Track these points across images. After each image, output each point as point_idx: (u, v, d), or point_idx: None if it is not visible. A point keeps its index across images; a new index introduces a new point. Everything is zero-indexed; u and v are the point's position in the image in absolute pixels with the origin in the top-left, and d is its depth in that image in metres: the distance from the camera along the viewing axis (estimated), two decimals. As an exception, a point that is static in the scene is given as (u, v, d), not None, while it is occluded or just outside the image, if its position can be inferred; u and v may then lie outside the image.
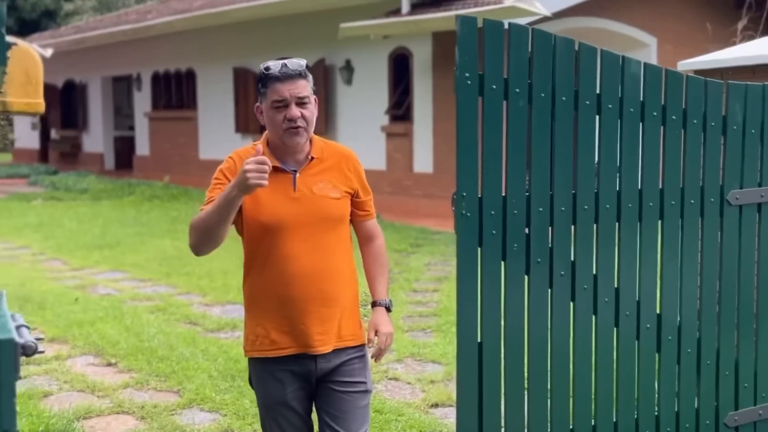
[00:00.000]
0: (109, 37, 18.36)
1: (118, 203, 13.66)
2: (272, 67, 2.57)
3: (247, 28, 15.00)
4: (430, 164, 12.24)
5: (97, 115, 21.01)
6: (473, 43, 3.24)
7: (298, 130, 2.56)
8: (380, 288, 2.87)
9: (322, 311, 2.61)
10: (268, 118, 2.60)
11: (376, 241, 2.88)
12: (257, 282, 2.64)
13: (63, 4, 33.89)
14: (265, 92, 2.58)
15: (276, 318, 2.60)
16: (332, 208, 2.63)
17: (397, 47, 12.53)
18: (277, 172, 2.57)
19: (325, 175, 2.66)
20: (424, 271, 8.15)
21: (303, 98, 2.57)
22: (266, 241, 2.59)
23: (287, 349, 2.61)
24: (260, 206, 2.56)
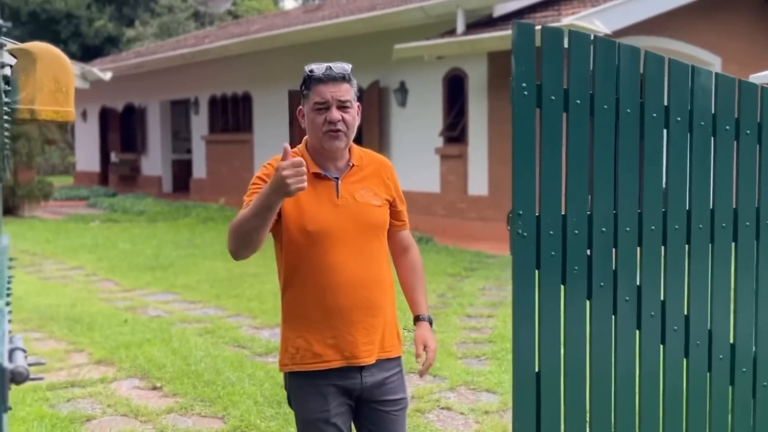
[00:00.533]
0: (167, 61, 18.62)
1: (173, 225, 13.72)
2: (316, 69, 2.52)
3: (302, 50, 15.02)
4: (485, 186, 12.01)
5: (156, 138, 21.30)
6: (530, 51, 3.04)
7: (337, 134, 2.51)
8: (421, 300, 2.79)
9: (368, 320, 2.56)
10: (308, 121, 2.55)
11: (411, 251, 2.82)
12: (300, 292, 2.55)
13: (125, 30, 34.69)
14: (308, 94, 2.54)
15: (320, 329, 2.53)
16: (375, 216, 2.60)
17: (451, 68, 12.38)
18: (319, 178, 2.54)
19: (366, 182, 2.62)
20: (479, 296, 7.91)
21: (345, 102, 2.51)
22: (310, 250, 2.51)
23: (331, 362, 2.54)
24: (304, 213, 2.50)
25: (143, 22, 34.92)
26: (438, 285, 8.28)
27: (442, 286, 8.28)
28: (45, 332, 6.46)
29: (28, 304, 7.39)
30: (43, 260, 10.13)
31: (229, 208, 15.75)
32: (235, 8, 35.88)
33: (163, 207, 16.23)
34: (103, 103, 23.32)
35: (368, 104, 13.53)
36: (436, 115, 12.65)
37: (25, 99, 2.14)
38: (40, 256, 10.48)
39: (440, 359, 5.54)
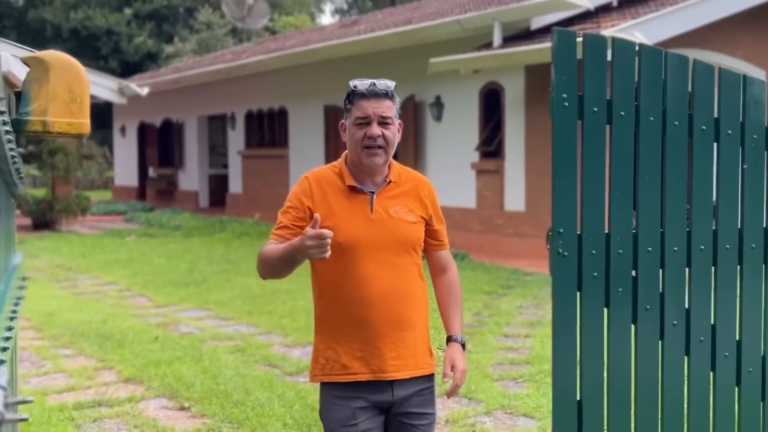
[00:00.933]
0: (204, 76, 18.71)
1: (208, 240, 13.70)
2: (360, 85, 2.56)
3: (337, 65, 14.97)
4: (522, 202, 11.80)
5: (193, 153, 21.40)
6: (571, 60, 2.88)
7: (376, 151, 2.54)
8: (455, 322, 2.76)
9: (398, 335, 2.56)
10: (349, 135, 2.58)
11: (449, 272, 2.79)
12: (331, 304, 2.58)
13: (164, 46, 35.07)
14: (350, 108, 2.57)
15: (349, 341, 2.55)
16: (408, 231, 2.60)
17: (487, 82, 12.21)
18: (355, 192, 2.58)
19: (402, 199, 2.63)
20: (516, 315, 7.71)
21: (386, 118, 2.54)
22: (342, 262, 2.53)
23: (359, 375, 2.55)
24: (337, 225, 2.51)
25: (182, 38, 35.27)
26: (474, 303, 8.09)
27: (478, 305, 8.09)
28: (75, 348, 6.40)
29: (60, 320, 7.35)
30: (78, 275, 10.13)
31: (264, 223, 15.71)
32: (272, 24, 36.12)
33: (198, 222, 16.26)
34: (142, 119, 23.53)
35: (403, 119, 13.34)
36: (472, 130, 12.49)
37: (37, 110, 2.03)
38: (75, 270, 10.49)
39: (476, 381, 5.36)
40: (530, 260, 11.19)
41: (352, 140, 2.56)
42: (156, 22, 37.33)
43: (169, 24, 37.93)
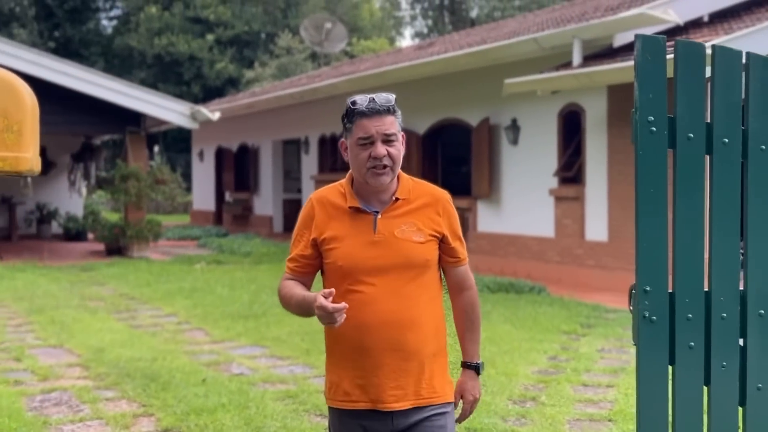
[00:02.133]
0: (277, 100, 18.54)
1: (275, 268, 13.34)
2: (359, 102, 2.46)
3: (409, 88, 14.49)
4: (605, 231, 11.03)
5: (268, 178, 21.25)
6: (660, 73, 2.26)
7: (383, 170, 2.44)
8: (469, 347, 2.64)
9: (399, 364, 2.44)
10: (352, 156, 2.48)
11: (466, 292, 2.64)
12: (334, 328, 2.43)
13: (245, 72, 35.38)
14: (351, 128, 2.48)
15: (350, 368, 2.48)
16: (415, 253, 2.47)
17: (567, 104, 11.53)
18: (359, 213, 2.49)
19: (410, 217, 2.50)
20: (596, 360, 6.99)
21: (390, 135, 2.44)
22: (344, 285, 2.46)
23: (358, 403, 2.47)
24: (338, 248, 2.47)
25: (262, 63, 35.54)
26: (550, 345, 7.41)
27: (555, 347, 7.40)
28: (118, 391, 6.01)
29: (110, 357, 7.01)
30: (139, 305, 9.87)
31: (335, 251, 15.29)
32: (350, 48, 36.09)
33: (269, 248, 15.96)
34: (219, 143, 23.58)
35: (478, 142, 12.82)
36: (550, 154, 11.80)
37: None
38: (137, 300, 10.24)
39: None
40: (613, 295, 10.40)
41: (356, 161, 2.46)
42: (237, 48, 37.76)
43: (249, 49, 38.31)
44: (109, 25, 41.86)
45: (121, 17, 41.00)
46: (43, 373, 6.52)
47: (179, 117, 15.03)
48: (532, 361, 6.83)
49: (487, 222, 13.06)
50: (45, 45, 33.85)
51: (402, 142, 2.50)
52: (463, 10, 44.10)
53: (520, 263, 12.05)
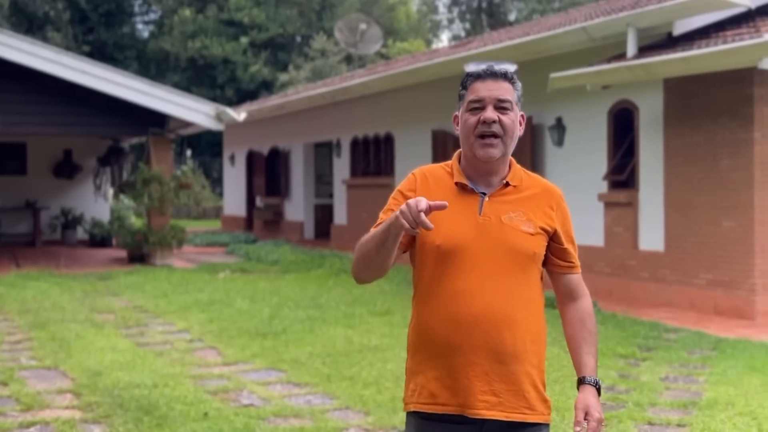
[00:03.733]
0: (307, 101, 17.78)
1: (302, 277, 12.53)
2: (478, 66, 2.31)
3: (446, 86, 13.61)
4: (661, 241, 10.02)
5: (299, 182, 20.50)
6: None
7: (492, 140, 2.22)
8: (588, 361, 2.33)
9: (492, 366, 2.17)
10: (462, 124, 2.30)
11: (581, 300, 2.38)
12: (423, 319, 2.26)
13: (279, 75, 34.77)
14: (464, 95, 2.31)
15: (438, 366, 2.21)
16: (522, 242, 2.22)
17: (618, 101, 10.55)
18: (464, 191, 2.28)
19: (520, 205, 2.27)
20: (661, 391, 6.04)
21: (504, 102, 2.22)
22: (438, 270, 2.22)
23: (446, 407, 2.19)
24: (438, 227, 2.15)
25: (296, 66, 34.94)
26: (606, 371, 6.46)
27: (612, 374, 6.45)
28: (107, 425, 5.22)
29: (106, 382, 6.22)
30: (151, 320, 9.10)
31: (366, 259, 14.44)
32: (386, 51, 35.29)
33: (298, 256, 15.15)
34: (251, 147, 22.91)
35: (519, 143, 11.84)
36: (599, 156, 10.82)
37: None
38: (149, 314, 9.48)
39: None
40: (671, 311, 9.42)
41: (465, 128, 2.28)
42: (271, 51, 37.20)
43: (284, 52, 37.73)
44: (144, 29, 41.61)
45: (156, 21, 40.70)
46: (28, 401, 5.75)
47: (204, 118, 14.30)
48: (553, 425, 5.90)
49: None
50: (79, 49, 33.53)
51: (521, 121, 2.30)
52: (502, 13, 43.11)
53: (566, 274, 11.06)
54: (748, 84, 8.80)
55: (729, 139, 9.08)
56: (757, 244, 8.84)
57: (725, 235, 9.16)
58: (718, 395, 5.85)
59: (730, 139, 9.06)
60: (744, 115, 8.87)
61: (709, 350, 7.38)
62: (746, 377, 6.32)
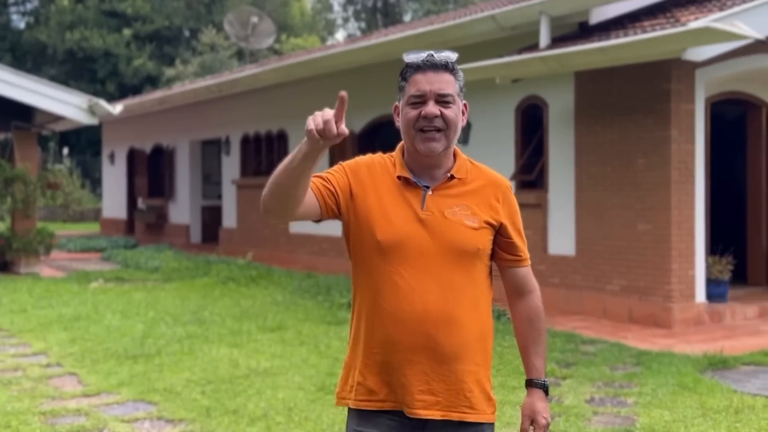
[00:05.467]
0: (193, 95, 16.54)
1: (185, 287, 11.38)
2: (414, 57, 2.22)
3: (344, 80, 12.74)
4: (572, 244, 9.44)
5: (184, 182, 19.20)
6: None
7: (434, 134, 2.16)
8: (536, 361, 2.30)
9: (433, 366, 2.13)
10: (402, 117, 2.23)
11: (529, 296, 2.31)
12: (363, 316, 2.20)
13: (165, 69, 33.07)
14: (404, 86, 2.23)
15: (378, 363, 2.17)
16: (466, 238, 2.17)
17: (526, 97, 9.92)
18: (407, 185, 2.21)
19: (465, 199, 2.21)
20: (590, 417, 5.33)
21: (445, 96, 2.17)
22: (378, 266, 2.17)
23: (385, 402, 2.17)
24: (378, 220, 2.17)
25: (184, 60, 33.33)
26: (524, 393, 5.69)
27: (534, 399, 5.69)
28: None
29: (-73, 426, 5.03)
30: (4, 340, 7.82)
31: (256, 265, 13.38)
32: (279, 46, 34.13)
33: (181, 262, 13.93)
34: (132, 144, 21.41)
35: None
36: (507, 155, 10.17)
37: None
38: (3, 333, 8.19)
39: None
40: (584, 320, 8.85)
41: (405, 122, 2.21)
42: (157, 44, 35.40)
43: (170, 46, 35.99)
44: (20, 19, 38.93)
45: (32, 11, 38.13)
46: None
47: (75, 111, 12.90)
48: (505, 420, 5.13)
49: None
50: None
51: (464, 112, 2.25)
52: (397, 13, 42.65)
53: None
54: (665, 79, 8.30)
55: (644, 137, 8.56)
56: (674, 249, 8.35)
57: (640, 238, 8.64)
58: (653, 421, 5.19)
59: (646, 137, 8.54)
60: (660, 111, 8.37)
61: (632, 365, 6.76)
62: (679, 398, 5.70)
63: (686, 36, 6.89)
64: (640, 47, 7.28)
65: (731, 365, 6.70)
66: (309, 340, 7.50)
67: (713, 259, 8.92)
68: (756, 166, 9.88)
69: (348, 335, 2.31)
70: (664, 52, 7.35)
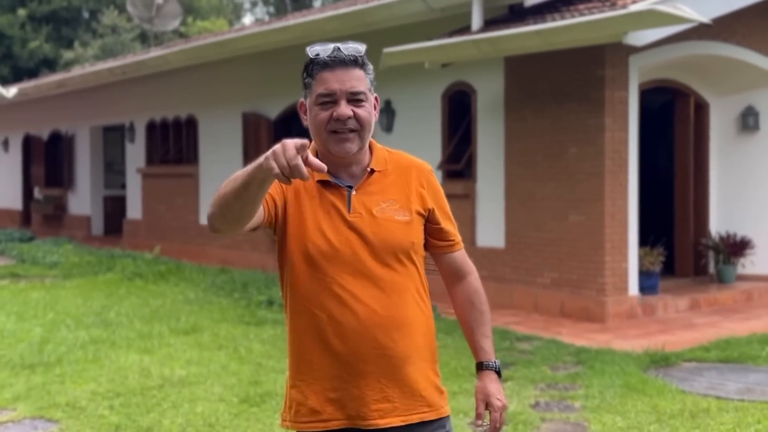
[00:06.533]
0: (94, 78, 15.52)
1: (88, 284, 10.54)
2: (321, 52, 2.05)
3: (259, 63, 12.09)
4: (501, 236, 9.11)
5: (85, 171, 18.10)
6: None
7: (347, 135, 2.05)
8: (484, 343, 2.24)
9: (386, 372, 2.05)
10: (311, 118, 2.09)
11: (467, 278, 2.28)
12: (299, 332, 2.08)
13: (63, 52, 31.41)
14: (310, 83, 2.09)
15: (320, 379, 2.05)
16: (400, 235, 2.09)
17: (453, 83, 9.53)
18: (328, 188, 2.09)
19: (389, 192, 2.13)
20: (538, 424, 4.96)
21: (357, 94, 2.05)
22: (315, 278, 2.04)
23: (331, 422, 2.05)
24: (305, 232, 2.05)
25: (83, 43, 31.78)
26: (466, 399, 5.26)
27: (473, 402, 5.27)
28: None
29: None
30: None
31: (164, 259, 12.58)
32: (185, 29, 32.90)
33: (83, 257, 13.00)
34: (27, 131, 20.08)
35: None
36: (433, 144, 9.75)
37: None
38: None
39: None
40: (515, 314, 8.54)
41: (315, 124, 2.07)
42: (54, 25, 33.56)
43: (69, 28, 34.20)
44: None
45: None
46: None
47: (-39, 92, 11.80)
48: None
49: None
50: None
51: (375, 105, 2.13)
52: None
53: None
54: (599, 65, 8.02)
55: (577, 126, 8.27)
56: (608, 240, 8.10)
57: (572, 230, 8.37)
58: (605, 429, 4.86)
59: (579, 126, 8.26)
60: (594, 99, 8.09)
61: (573, 364, 6.45)
62: (629, 401, 5.39)
63: (629, 19, 6.59)
64: (579, 30, 6.96)
65: (673, 362, 6.47)
66: (228, 344, 6.89)
67: (644, 250, 8.74)
68: (683, 156, 9.77)
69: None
70: (604, 36, 7.05)
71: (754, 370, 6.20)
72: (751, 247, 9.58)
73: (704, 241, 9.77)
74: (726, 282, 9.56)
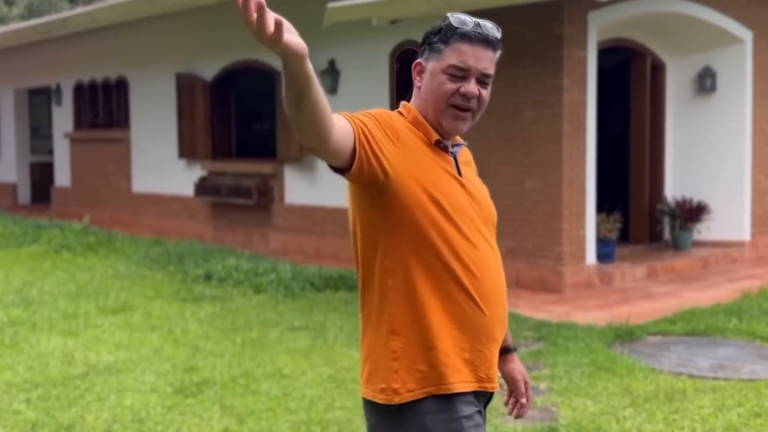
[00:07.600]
0: (16, 37, 14.53)
1: (10, 257, 9.80)
2: (467, 22, 1.97)
3: (195, 20, 11.36)
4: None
5: (9, 136, 17.11)
6: None
7: (465, 114, 2.00)
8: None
9: (501, 335, 2.07)
10: (433, 84, 2.00)
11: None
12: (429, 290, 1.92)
13: (-16, 11, 29.78)
14: (442, 50, 1.99)
15: (457, 340, 1.94)
16: (491, 208, 2.10)
17: (403, 41, 9.00)
18: (440, 149, 2.01)
19: (471, 167, 2.14)
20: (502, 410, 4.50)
21: (488, 76, 2.01)
22: (450, 234, 1.94)
23: (470, 383, 1.96)
24: (431, 184, 1.93)
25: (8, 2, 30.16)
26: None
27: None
28: None
29: None
30: None
31: (94, 229, 11.84)
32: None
33: (7, 227, 12.16)
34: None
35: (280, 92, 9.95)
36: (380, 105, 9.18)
37: None
38: None
39: None
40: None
41: (437, 92, 1.99)
42: (-25, -18, 31.80)
43: (-8, -15, 32.44)
44: None
45: None
46: None
47: None
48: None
49: (298, 192, 10.34)
50: None
51: None
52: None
53: (342, 243, 9.47)
54: (557, 22, 7.58)
55: (533, 87, 7.84)
56: (565, 208, 7.73)
57: (528, 196, 7.97)
58: (577, 414, 4.47)
59: (535, 87, 7.82)
60: (551, 58, 7.66)
61: (534, 340, 6.07)
62: (598, 381, 5.02)
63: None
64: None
65: (638, 336, 6.14)
66: (161, 324, 6.32)
67: (601, 217, 8.41)
68: (639, 119, 9.44)
69: (359, 322, 2.05)
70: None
71: (723, 344, 5.91)
72: (708, 212, 9.34)
73: (660, 206, 9.50)
74: (682, 248, 9.31)
